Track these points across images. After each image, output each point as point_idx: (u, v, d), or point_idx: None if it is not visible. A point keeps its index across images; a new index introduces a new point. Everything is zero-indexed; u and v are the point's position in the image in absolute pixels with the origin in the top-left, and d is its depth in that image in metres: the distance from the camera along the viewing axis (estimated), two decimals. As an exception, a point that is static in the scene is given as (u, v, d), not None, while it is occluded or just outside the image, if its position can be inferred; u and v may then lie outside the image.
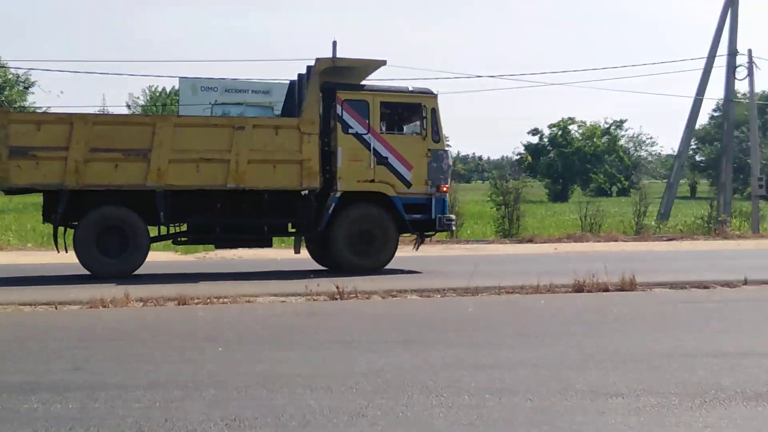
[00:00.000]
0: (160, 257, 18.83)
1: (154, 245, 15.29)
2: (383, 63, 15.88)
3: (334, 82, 15.38)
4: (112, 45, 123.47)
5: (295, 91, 16.23)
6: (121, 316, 9.76)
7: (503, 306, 10.67)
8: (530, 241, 24.15)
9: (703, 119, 71.69)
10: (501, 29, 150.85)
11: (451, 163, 16.64)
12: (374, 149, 15.35)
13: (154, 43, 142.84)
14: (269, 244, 16.30)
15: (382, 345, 7.79)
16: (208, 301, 10.65)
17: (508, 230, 26.27)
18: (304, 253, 15.94)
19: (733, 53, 30.29)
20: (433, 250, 20.94)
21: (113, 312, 10.00)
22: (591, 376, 6.42)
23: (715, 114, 66.21)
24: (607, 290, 11.63)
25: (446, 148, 16.29)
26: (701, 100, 31.34)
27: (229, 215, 14.98)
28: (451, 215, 16.51)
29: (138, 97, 54.76)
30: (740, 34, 30.66)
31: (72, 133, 14.06)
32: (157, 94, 53.76)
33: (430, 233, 16.35)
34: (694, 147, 73.08)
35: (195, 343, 7.86)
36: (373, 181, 15.37)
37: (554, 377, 6.40)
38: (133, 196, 14.46)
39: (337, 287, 10.97)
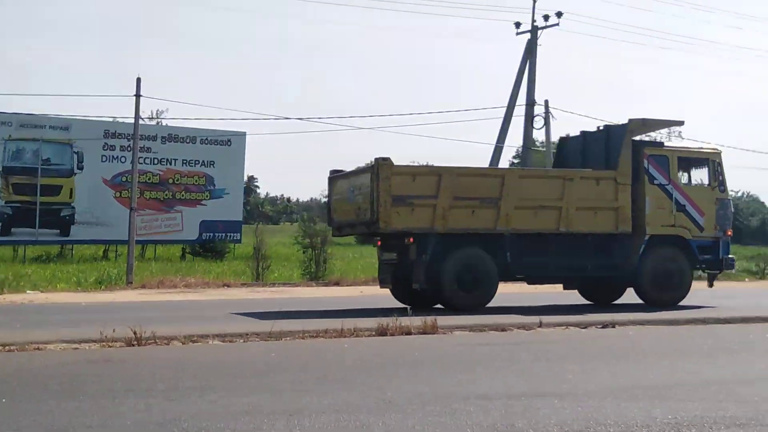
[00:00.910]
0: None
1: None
2: (681, 123, 19.24)
3: (640, 140, 17.92)
4: None
5: (570, 144, 19.09)
6: None
7: (307, 350, 10.59)
8: (337, 284, 24.26)
9: (504, 165, 74.73)
10: (311, 72, 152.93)
11: (733, 210, 18.70)
12: (675, 198, 17.57)
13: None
14: (621, 290, 18.26)
15: (180, 392, 7.52)
16: (-7, 348, 9.99)
17: (315, 273, 26.32)
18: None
19: (531, 103, 31.84)
20: (238, 293, 20.66)
21: None
22: (391, 420, 6.42)
23: (515, 161, 69.20)
24: (410, 333, 11.79)
25: (729, 198, 18.59)
26: (502, 148, 32.74)
27: (559, 255, 16.93)
28: (732, 256, 18.59)
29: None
30: (538, 85, 32.29)
31: (440, 184, 16.12)
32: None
33: (716, 271, 18.55)
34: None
35: (-25, 395, 7.31)
36: (673, 225, 17.57)
37: (354, 422, 6.36)
38: (484, 238, 16.48)
39: (135, 333, 10.56)
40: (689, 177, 18.26)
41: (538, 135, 35.90)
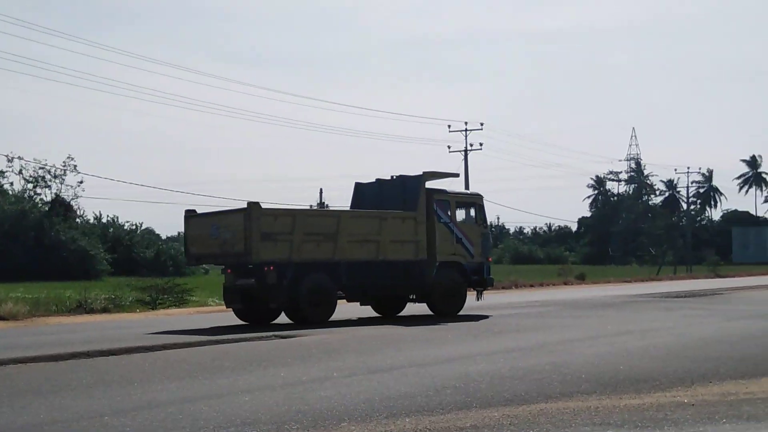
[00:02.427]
0: None
1: None
2: (457, 175, 24.77)
3: (430, 188, 22.41)
4: None
5: (366, 189, 23.44)
6: None
7: None
8: None
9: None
10: None
11: (492, 241, 24.50)
12: (455, 233, 22.48)
13: None
14: (403, 304, 23.06)
15: None
16: None
17: None
18: None
19: None
20: None
21: None
22: None
23: None
24: None
25: (489, 231, 24.28)
26: None
27: (378, 278, 21.27)
28: (492, 277, 24.04)
29: None
30: None
31: (295, 223, 19.83)
32: None
33: (482, 288, 23.74)
34: None
35: None
36: (454, 254, 22.51)
37: None
38: (327, 266, 20.29)
39: None
40: (462, 216, 23.03)
41: None
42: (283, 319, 20.67)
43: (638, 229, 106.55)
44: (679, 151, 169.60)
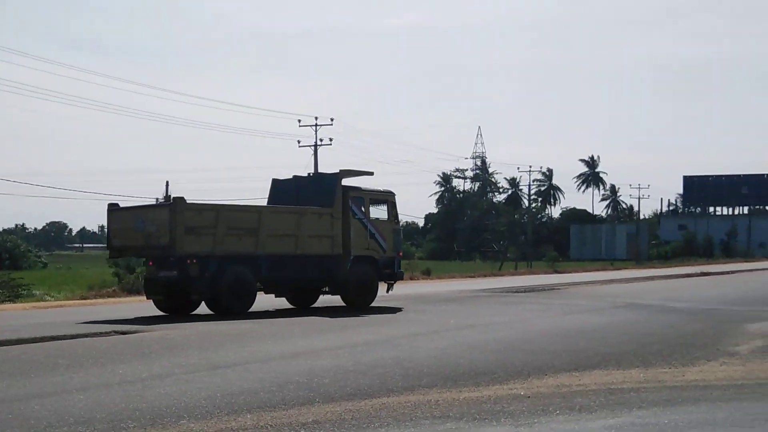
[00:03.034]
0: None
1: None
2: (372, 173, 24.84)
3: (346, 186, 23.08)
4: None
5: (282, 185, 24.00)
6: None
7: None
8: None
9: None
10: None
11: (402, 236, 25.97)
12: (369, 229, 23.24)
13: None
14: (316, 296, 23.65)
15: None
16: None
17: None
18: None
19: None
20: None
21: None
22: None
23: None
24: None
25: (400, 227, 25.48)
26: None
27: (296, 271, 22.13)
28: (402, 270, 25.48)
29: None
30: None
31: (218, 218, 20.70)
32: None
33: (393, 281, 24.27)
34: None
35: None
36: (368, 249, 23.27)
37: None
38: (248, 259, 21.31)
39: None
40: (376, 212, 23.79)
41: None
42: (202, 310, 20.81)
43: (482, 226, 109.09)
44: (522, 151, 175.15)
